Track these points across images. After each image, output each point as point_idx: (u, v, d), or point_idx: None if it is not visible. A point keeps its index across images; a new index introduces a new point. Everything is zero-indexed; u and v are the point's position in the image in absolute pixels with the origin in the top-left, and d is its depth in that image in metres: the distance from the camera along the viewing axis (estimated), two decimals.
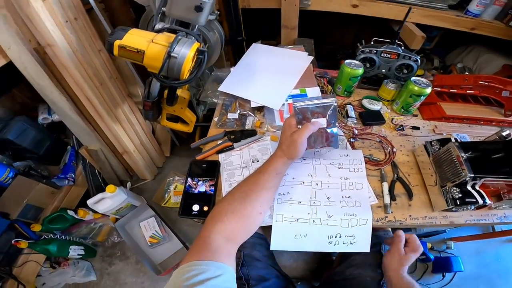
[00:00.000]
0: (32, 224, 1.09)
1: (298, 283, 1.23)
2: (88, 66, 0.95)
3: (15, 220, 1.05)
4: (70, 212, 1.19)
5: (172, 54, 0.64)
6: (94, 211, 1.23)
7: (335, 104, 0.61)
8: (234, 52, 1.27)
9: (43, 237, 1.13)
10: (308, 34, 1.32)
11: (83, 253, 1.23)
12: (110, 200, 1.18)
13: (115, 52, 0.66)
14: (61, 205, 1.20)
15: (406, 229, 1.28)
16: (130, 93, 1.21)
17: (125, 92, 1.17)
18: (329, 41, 1.74)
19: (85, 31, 0.94)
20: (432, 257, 1.25)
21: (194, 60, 0.71)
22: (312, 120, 0.61)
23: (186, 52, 0.65)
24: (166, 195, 1.47)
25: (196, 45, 0.68)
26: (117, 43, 0.65)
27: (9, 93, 1.19)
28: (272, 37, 1.43)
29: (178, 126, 1.01)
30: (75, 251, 1.20)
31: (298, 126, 0.61)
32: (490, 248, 1.40)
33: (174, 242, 1.30)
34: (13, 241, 1.01)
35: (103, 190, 1.15)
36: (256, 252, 0.73)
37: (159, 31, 0.70)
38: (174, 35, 0.66)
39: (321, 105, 0.61)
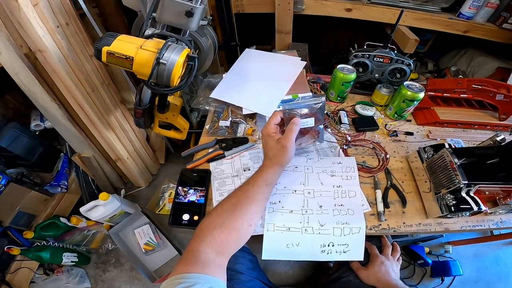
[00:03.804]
0: (25, 231, 1.08)
1: None
2: (80, 72, 0.94)
3: (7, 227, 1.04)
4: (63, 220, 1.18)
5: (161, 60, 0.62)
6: (88, 219, 1.22)
7: (323, 102, 0.60)
8: (228, 58, 1.26)
9: (35, 244, 1.12)
10: (302, 39, 1.31)
11: (77, 260, 1.22)
12: (103, 208, 1.16)
13: (103, 58, 0.65)
14: (54, 212, 1.19)
15: (397, 236, 1.28)
16: (123, 99, 1.20)
17: (118, 98, 1.16)
18: (324, 45, 1.73)
19: (76, 37, 0.92)
20: (430, 261, 1.24)
21: (184, 67, 0.70)
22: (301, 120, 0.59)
23: (176, 59, 0.64)
24: (160, 202, 1.46)
25: (186, 51, 0.67)
26: (105, 49, 0.64)
27: (1, 99, 1.18)
28: (267, 42, 1.43)
29: (171, 134, 0.99)
30: (68, 258, 1.18)
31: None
32: (489, 251, 1.40)
33: (169, 249, 1.29)
34: (5, 248, 1.01)
35: (96, 197, 1.13)
36: (239, 266, 0.73)
37: (149, 37, 0.68)
38: (164, 41, 0.65)
39: (310, 106, 0.60)
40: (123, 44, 0.64)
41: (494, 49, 1.30)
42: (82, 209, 1.15)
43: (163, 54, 0.63)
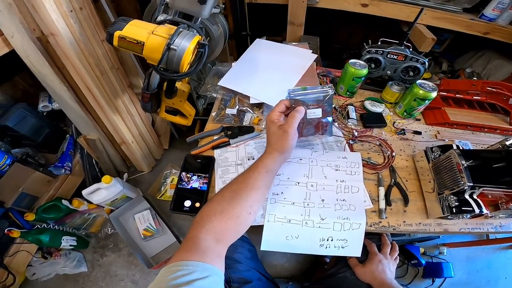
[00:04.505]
0: (26, 213, 1.11)
1: (290, 283, 1.24)
2: (90, 56, 0.96)
3: (9, 209, 1.07)
4: (65, 202, 1.20)
5: (171, 46, 0.64)
6: (89, 202, 1.25)
7: (332, 92, 0.61)
8: (238, 47, 1.27)
9: (36, 226, 1.15)
10: (314, 32, 1.31)
11: (76, 244, 1.25)
12: (105, 191, 1.19)
13: (115, 42, 0.67)
14: (56, 194, 1.22)
15: (395, 235, 1.29)
16: (131, 84, 1.22)
17: (126, 82, 1.19)
18: (336, 40, 1.73)
19: (89, 21, 0.95)
20: (423, 262, 1.27)
21: (194, 53, 0.71)
22: (308, 110, 0.61)
23: (186, 45, 0.65)
24: (162, 188, 1.49)
25: (197, 38, 0.68)
26: (117, 33, 0.66)
27: (11, 80, 1.21)
28: (278, 33, 1.43)
29: (177, 119, 1.02)
30: (67, 242, 1.21)
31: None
32: (483, 255, 1.43)
33: (168, 236, 1.31)
34: (6, 230, 1.03)
35: (99, 180, 1.16)
36: (237, 255, 0.75)
37: (160, 22, 0.70)
38: (175, 27, 0.66)
39: (317, 96, 0.61)
40: (135, 29, 0.66)
41: None
42: (84, 192, 1.18)
43: (174, 40, 0.64)
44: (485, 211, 0.60)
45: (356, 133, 0.81)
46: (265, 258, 1.33)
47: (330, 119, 0.65)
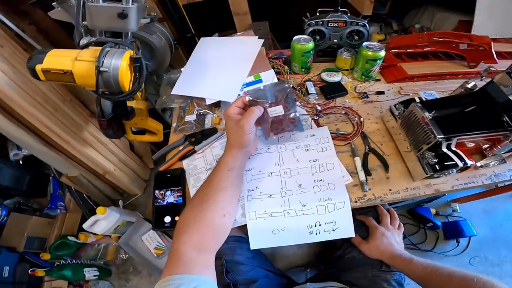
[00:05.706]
0: (41, 253, 1.06)
1: (308, 270, 1.11)
2: (35, 93, 0.83)
3: (23, 253, 1.03)
4: (71, 238, 1.15)
5: (101, 68, 0.53)
6: (94, 233, 1.15)
7: (289, 88, 0.53)
8: (188, 51, 1.13)
9: (55, 264, 1.11)
10: (264, 18, 1.18)
11: (98, 273, 1.18)
12: (104, 221, 1.09)
13: (41, 77, 0.56)
14: (62, 233, 1.15)
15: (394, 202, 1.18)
16: (92, 112, 1.08)
17: (86, 112, 1.05)
18: (288, 20, 1.58)
19: (17, 58, 0.81)
20: (439, 223, 1.11)
21: (132, 70, 0.60)
22: (269, 109, 0.53)
23: (118, 63, 0.55)
24: None
25: (128, 53, 0.57)
26: (38, 67, 0.55)
27: None
28: (229, 27, 1.29)
29: (147, 138, 0.90)
30: (90, 273, 1.15)
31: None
32: (499, 206, 1.21)
33: None
34: (29, 271, 1.00)
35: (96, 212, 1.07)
36: (237, 257, 0.66)
37: (84, 46, 0.59)
38: (101, 48, 0.55)
39: (274, 92, 0.53)
40: (56, 59, 0.55)
41: (453, 4, 1.16)
42: (85, 226, 1.09)
43: (103, 62, 0.54)
44: (469, 162, 0.51)
45: (319, 107, 0.71)
46: (276, 251, 1.19)
47: (297, 114, 0.56)
